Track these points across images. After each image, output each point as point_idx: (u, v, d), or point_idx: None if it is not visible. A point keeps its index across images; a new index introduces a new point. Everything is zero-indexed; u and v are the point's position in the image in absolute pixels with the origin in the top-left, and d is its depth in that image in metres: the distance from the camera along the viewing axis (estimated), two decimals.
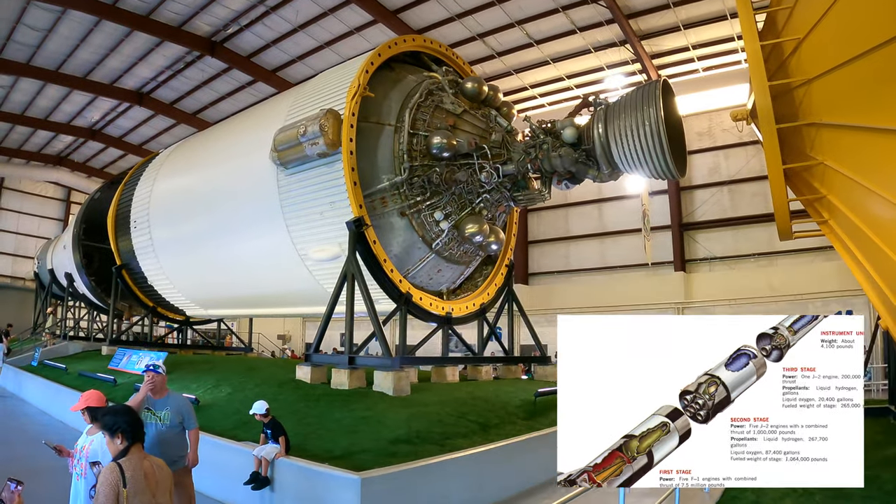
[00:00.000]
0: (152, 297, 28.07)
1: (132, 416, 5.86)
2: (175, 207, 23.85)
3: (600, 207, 39.75)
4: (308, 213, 17.21)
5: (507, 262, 21.14)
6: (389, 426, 11.84)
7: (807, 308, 31.75)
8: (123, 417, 5.70)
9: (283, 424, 11.02)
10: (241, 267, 21.01)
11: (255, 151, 18.90)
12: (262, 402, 11.18)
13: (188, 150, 25.46)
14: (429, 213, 16.80)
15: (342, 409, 13.12)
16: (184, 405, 8.44)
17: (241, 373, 18.65)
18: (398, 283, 16.57)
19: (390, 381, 14.64)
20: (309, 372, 16.37)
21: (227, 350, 33.82)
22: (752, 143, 34.23)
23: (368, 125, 16.83)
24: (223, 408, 14.57)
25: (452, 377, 18.51)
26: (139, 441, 5.65)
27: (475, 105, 18.02)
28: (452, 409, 13.54)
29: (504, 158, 17.08)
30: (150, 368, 8.31)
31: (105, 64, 38.84)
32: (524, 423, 13.85)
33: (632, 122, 15.38)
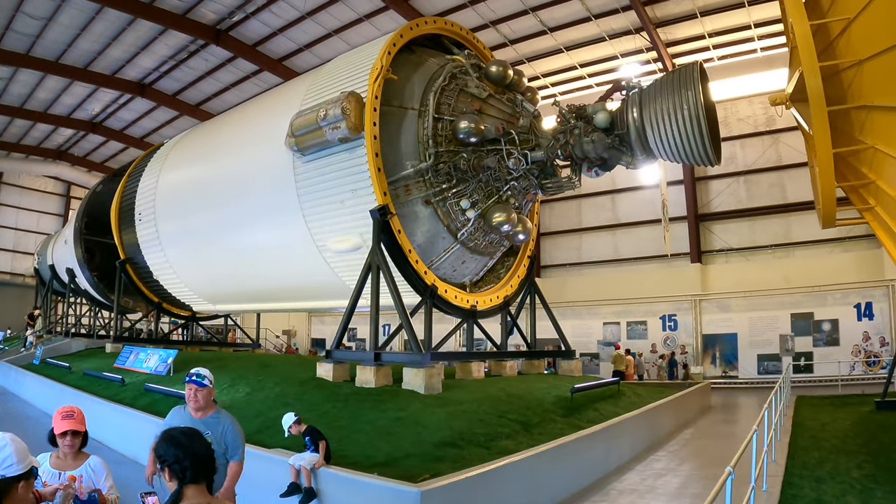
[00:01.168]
0: (157, 293, 27.30)
1: (189, 445, 4.18)
2: (182, 198, 23.02)
3: (614, 198, 38.92)
4: (328, 202, 16.40)
5: (529, 253, 20.39)
6: (429, 428, 11.07)
7: (825, 300, 31.33)
8: (174, 449, 4.12)
9: (320, 430, 10.07)
10: (253, 260, 20.21)
11: (269, 138, 18.10)
12: (290, 414, 10.20)
13: (196, 140, 24.63)
14: (455, 201, 16.01)
15: (374, 410, 12.33)
16: (231, 429, 6.72)
17: (255, 370, 17.85)
18: (423, 274, 15.79)
19: (422, 379, 13.80)
20: (331, 369, 15.54)
21: (234, 346, 32.98)
22: (769, 132, 33.72)
23: (391, 109, 16.06)
24: (242, 410, 13.65)
25: (478, 373, 17.71)
26: (200, 482, 4.10)
27: (500, 90, 17.28)
28: (490, 407, 12.79)
29: (532, 144, 16.37)
30: (191, 379, 6.78)
31: (106, 54, 37.95)
32: (564, 420, 13.13)
33: (669, 106, 14.69)
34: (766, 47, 33.03)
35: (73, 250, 31.29)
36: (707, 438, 17.24)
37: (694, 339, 33.86)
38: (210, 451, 4.25)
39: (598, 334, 36.91)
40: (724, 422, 20.29)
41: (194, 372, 6.88)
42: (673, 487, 10.82)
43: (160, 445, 4.18)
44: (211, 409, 6.85)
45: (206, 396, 6.79)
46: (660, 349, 34.70)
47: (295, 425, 9.99)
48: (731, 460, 13.47)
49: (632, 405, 16.16)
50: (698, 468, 12.52)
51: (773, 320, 32.22)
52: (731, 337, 33.10)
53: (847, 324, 30.68)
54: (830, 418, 17.65)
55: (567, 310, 35.87)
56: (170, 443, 4.16)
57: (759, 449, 9.16)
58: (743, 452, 7.28)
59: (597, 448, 11.76)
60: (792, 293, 32.02)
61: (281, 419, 10.24)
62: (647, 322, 35.87)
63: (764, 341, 32.16)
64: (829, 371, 29.62)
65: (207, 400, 6.82)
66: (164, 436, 4.28)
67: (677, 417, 18.10)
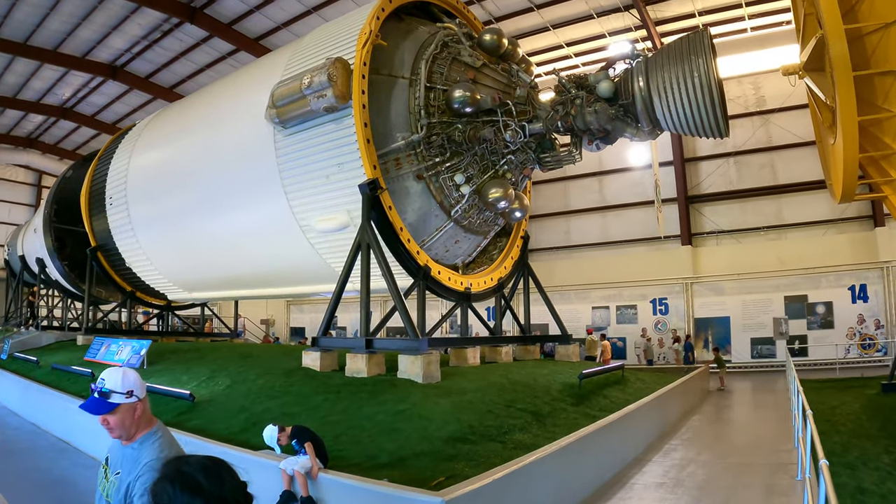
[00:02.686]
0: (131, 281, 26.15)
1: (213, 490, 2.72)
2: (155, 180, 21.84)
3: (601, 180, 37.93)
4: (311, 178, 15.33)
5: (522, 233, 19.45)
6: (435, 421, 10.02)
7: (819, 282, 30.80)
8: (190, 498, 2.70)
9: (310, 429, 8.84)
10: (230, 243, 19.16)
11: (247, 112, 17.05)
12: (269, 427, 8.87)
13: (169, 118, 23.46)
14: (448, 176, 15.04)
15: (371, 403, 11.25)
16: (148, 468, 3.65)
17: (236, 361, 16.71)
18: (416, 254, 14.76)
19: (419, 367, 12.71)
20: (318, 358, 14.45)
21: (213, 336, 31.80)
22: (759, 113, 32.98)
23: (379, 78, 15.04)
24: (225, 405, 12.56)
25: (474, 359, 16.66)
26: None
27: (494, 59, 16.34)
28: (496, 396, 11.77)
29: (530, 116, 15.47)
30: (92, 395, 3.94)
31: (76, 35, 36.35)
32: (576, 409, 12.16)
33: (678, 74, 13.85)
34: (756, 27, 32.25)
35: (43, 239, 30.08)
36: (716, 424, 16.45)
37: (685, 323, 33.11)
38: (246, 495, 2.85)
39: (587, 319, 35.96)
40: (727, 407, 19.47)
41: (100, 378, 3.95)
42: (700, 479, 9.89)
43: (162, 490, 2.72)
44: (143, 431, 3.92)
45: (122, 420, 3.87)
46: (650, 333, 33.92)
47: (281, 435, 8.75)
48: (749, 447, 12.83)
49: (640, 392, 15.24)
50: (720, 457, 11.62)
51: (766, 303, 31.61)
52: (724, 320, 32.41)
53: (841, 306, 30.17)
54: (838, 402, 17.03)
55: (555, 294, 34.49)
56: (182, 487, 2.69)
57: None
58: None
59: (614, 439, 10.72)
60: (785, 275, 31.44)
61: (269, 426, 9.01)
62: (637, 306, 35.10)
63: (757, 324, 31.54)
64: (823, 354, 29.00)
65: (126, 422, 3.88)
66: (169, 473, 2.80)
67: (683, 403, 17.20)
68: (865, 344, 29.10)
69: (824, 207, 31.01)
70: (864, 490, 8.86)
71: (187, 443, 9.68)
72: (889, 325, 28.69)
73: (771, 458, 11.40)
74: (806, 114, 30.93)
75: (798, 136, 31.39)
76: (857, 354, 29.04)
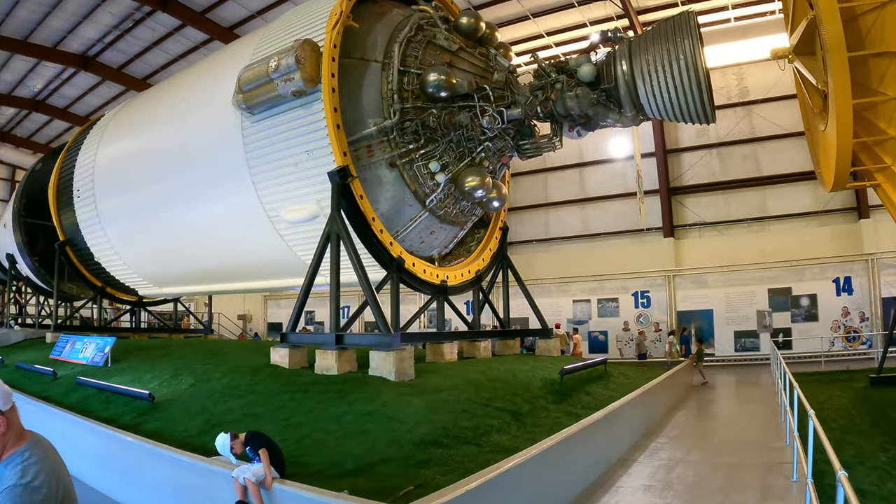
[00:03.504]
0: (101, 276, 25.41)
1: None
2: (123, 173, 21.13)
3: (581, 172, 37.23)
4: (280, 166, 14.68)
5: (500, 224, 18.85)
6: (407, 423, 9.37)
7: (803, 274, 30.35)
8: None
9: (265, 434, 8.08)
10: (199, 236, 18.54)
11: (215, 99, 16.40)
12: (221, 436, 8.11)
13: (137, 108, 22.74)
14: (423, 163, 14.46)
15: (339, 402, 10.59)
16: (4, 497, 3.05)
17: (203, 358, 16.01)
18: (389, 245, 14.12)
19: (392, 363, 12.11)
20: (287, 355, 13.82)
21: (186, 333, 31.02)
22: (742, 104, 32.53)
23: (351, 62, 14.41)
24: (185, 405, 11.88)
25: (451, 355, 16.09)
26: None
27: (471, 43, 15.75)
28: (472, 394, 11.15)
29: (508, 101, 14.89)
30: None
31: (47, 24, 35.39)
32: (557, 407, 11.56)
33: (663, 57, 13.39)
34: (740, 16, 31.77)
35: (13, 234, 29.10)
36: (703, 420, 15.85)
37: (668, 316, 32.61)
38: None
39: (568, 312, 35.43)
40: (712, 402, 18.95)
41: None
42: (690, 481, 9.27)
43: None
44: (10, 450, 3.26)
45: None
46: (632, 327, 33.41)
47: (234, 443, 7.98)
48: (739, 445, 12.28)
49: (624, 387, 14.66)
50: (710, 456, 10.97)
51: (750, 296, 31.15)
52: (707, 313, 31.90)
53: (826, 299, 29.74)
54: (826, 396, 16.58)
55: (535, 287, 34.23)
56: None
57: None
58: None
59: (599, 439, 10.03)
60: (769, 268, 30.95)
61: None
62: (618, 299, 34.51)
63: (741, 317, 31.05)
64: (807, 347, 28.60)
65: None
66: None
67: (668, 399, 16.60)
68: (850, 337, 28.74)
69: (808, 199, 30.66)
70: (865, 492, 8.31)
71: (140, 448, 9.02)
72: (874, 317, 28.35)
73: (762, 456, 10.83)
74: (790, 104, 30.64)
75: (782, 127, 31.01)
76: (841, 347, 28.67)
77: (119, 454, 9.58)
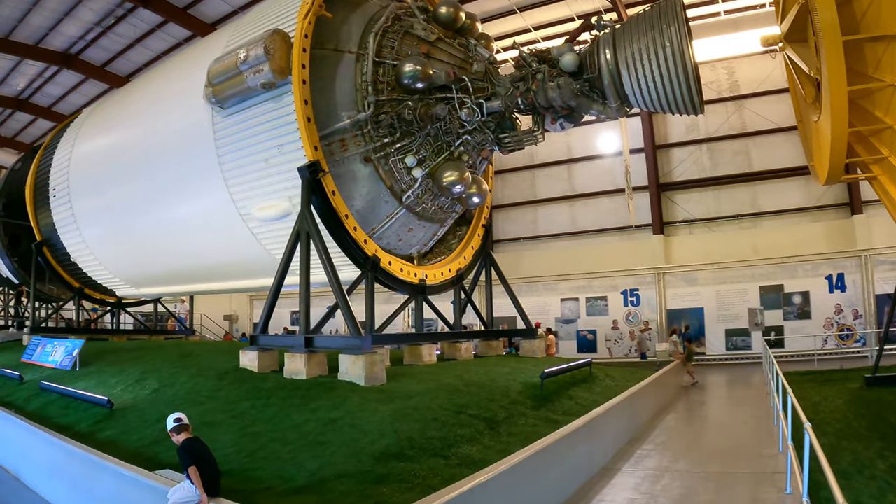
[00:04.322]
0: (79, 278, 24.82)
1: None
2: (97, 170, 20.56)
3: (570, 168, 36.72)
4: (250, 162, 14.16)
5: (483, 221, 18.28)
6: (370, 433, 8.77)
7: (795, 271, 29.91)
8: None
9: (201, 444, 7.13)
10: (173, 235, 18.03)
11: (186, 94, 15.85)
12: (171, 417, 7.27)
13: (111, 105, 22.18)
14: (399, 158, 13.92)
15: (302, 410, 10.00)
16: None
17: (173, 361, 15.39)
18: (363, 243, 13.55)
19: (361, 367, 11.54)
20: (256, 358, 13.25)
21: (167, 334, 30.36)
22: (733, 98, 32.07)
23: (324, 53, 13.87)
24: (144, 411, 11.29)
25: (430, 357, 15.54)
26: None
27: (450, 34, 15.19)
28: (445, 400, 10.54)
29: (488, 93, 14.36)
30: None
31: (28, 21, 34.76)
32: (536, 414, 10.95)
33: (648, 44, 12.87)
34: (729, 10, 31.24)
35: None
36: (692, 425, 15.24)
37: (657, 315, 32.10)
38: None
39: (556, 311, 34.92)
40: (703, 404, 18.39)
41: None
42: (677, 493, 8.66)
43: None
44: None
45: None
46: (622, 326, 32.87)
47: (174, 432, 7.12)
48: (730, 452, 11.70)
49: (609, 390, 14.09)
50: (698, 465, 10.34)
51: (741, 293, 30.67)
52: (698, 311, 31.38)
53: (818, 296, 29.29)
54: (820, 397, 16.04)
55: (523, 286, 33.78)
56: None
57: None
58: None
59: (579, 448, 9.36)
60: (761, 265, 30.50)
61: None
62: (607, 297, 33.95)
63: (732, 315, 30.57)
64: (800, 346, 28.14)
65: None
66: None
67: (656, 401, 16.01)
68: (843, 334, 28.29)
69: (800, 195, 30.31)
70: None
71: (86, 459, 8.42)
72: (867, 314, 27.94)
73: (755, 465, 10.24)
74: (781, 99, 30.20)
75: (773, 121, 30.60)
76: (834, 345, 28.23)
77: (68, 465, 8.99)
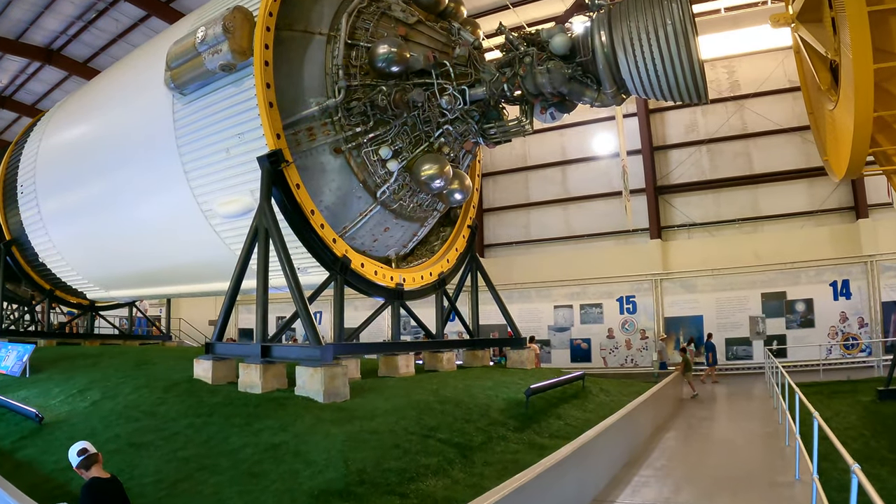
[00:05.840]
0: (49, 279, 23.66)
1: None
2: (61, 168, 19.51)
3: (564, 170, 35.51)
4: (211, 152, 12.96)
5: (469, 222, 17.02)
6: (314, 462, 7.45)
7: (798, 278, 28.77)
8: None
9: (111, 486, 5.61)
10: (136, 235, 16.88)
11: (149, 82, 14.64)
12: (74, 448, 5.73)
13: (79, 97, 21.04)
14: (372, 149, 12.68)
15: (244, 431, 8.69)
16: None
17: (125, 370, 14.02)
18: (331, 243, 12.27)
19: (320, 381, 10.21)
20: (210, 368, 11.96)
21: (142, 339, 29.07)
22: (733, 98, 30.94)
23: (292, 34, 12.69)
24: (75, 427, 9.96)
25: (407, 368, 14.26)
26: None
27: (432, 17, 13.99)
28: (412, 422, 9.22)
29: (471, 80, 13.12)
30: None
31: (7, 15, 33.67)
32: (519, 436, 9.61)
33: (647, 22, 11.65)
34: (730, 7, 30.09)
35: None
36: (694, 445, 13.84)
37: (655, 323, 30.89)
38: None
39: (548, 319, 33.68)
40: (704, 419, 17.09)
41: None
42: None
43: None
44: None
45: None
46: (617, 334, 31.61)
47: (81, 468, 5.62)
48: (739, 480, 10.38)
49: (603, 407, 12.81)
50: (704, 496, 8.93)
51: (742, 300, 29.52)
52: (697, 319, 30.20)
53: (823, 303, 28.16)
54: (831, 412, 14.81)
55: (514, 292, 32.61)
56: None
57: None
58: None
59: (568, 478, 7.78)
60: (762, 271, 29.43)
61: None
62: (602, 305, 32.71)
63: (732, 324, 29.42)
64: (803, 355, 26.96)
65: None
66: None
67: (655, 417, 14.66)
68: (848, 344, 27.10)
69: (803, 198, 29.27)
70: None
71: None
72: (873, 322, 26.83)
73: (769, 496, 8.92)
74: (783, 99, 29.14)
75: (775, 122, 29.57)
76: (839, 355, 27.06)
77: None
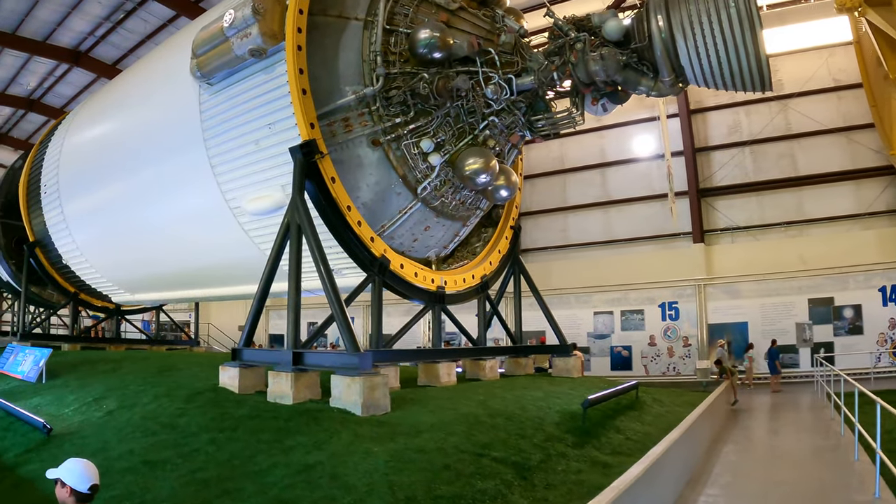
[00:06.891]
0: (74, 282, 23.17)
1: None
2: (85, 167, 18.98)
3: (604, 173, 34.57)
4: (239, 145, 12.22)
5: (512, 222, 16.19)
6: (355, 487, 6.51)
7: (846, 283, 27.79)
8: None
9: None
10: (161, 235, 16.25)
11: (173, 74, 14.08)
12: (89, 471, 4.43)
13: (103, 94, 20.48)
14: (413, 141, 11.84)
15: (273, 448, 7.79)
16: None
17: (146, 377, 13.25)
18: (369, 242, 11.44)
19: (358, 392, 9.35)
20: (237, 376, 11.13)
21: (169, 344, 28.48)
22: (776, 98, 29.78)
23: (327, 20, 11.93)
24: (85, 440, 9.17)
25: (448, 377, 13.40)
26: None
27: (474, 4, 13.20)
28: (462, 438, 8.28)
29: (518, 69, 12.23)
30: None
31: (34, 15, 33.36)
32: (579, 453, 8.67)
33: (709, 6, 10.75)
34: (772, 4, 29.05)
35: None
36: (755, 458, 12.80)
37: (698, 330, 29.84)
38: None
39: (588, 326, 32.79)
40: (761, 431, 16.06)
41: None
42: None
43: None
44: None
45: None
46: (659, 341, 30.62)
47: (74, 497, 4.32)
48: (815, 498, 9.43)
49: (660, 419, 11.86)
50: None
51: (788, 307, 28.50)
52: (742, 326, 29.17)
53: (871, 309, 27.14)
54: (893, 424, 13.63)
55: (553, 298, 31.56)
56: None
57: None
58: None
59: (639, 502, 6.81)
60: (809, 276, 28.38)
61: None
62: (644, 311, 31.76)
63: (778, 330, 28.25)
64: (850, 363, 25.75)
65: None
66: None
67: (711, 429, 13.65)
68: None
69: (850, 201, 28.23)
70: None
71: None
72: None
73: None
74: (828, 98, 28.14)
75: (820, 122, 28.53)
76: (888, 363, 25.94)
77: None
